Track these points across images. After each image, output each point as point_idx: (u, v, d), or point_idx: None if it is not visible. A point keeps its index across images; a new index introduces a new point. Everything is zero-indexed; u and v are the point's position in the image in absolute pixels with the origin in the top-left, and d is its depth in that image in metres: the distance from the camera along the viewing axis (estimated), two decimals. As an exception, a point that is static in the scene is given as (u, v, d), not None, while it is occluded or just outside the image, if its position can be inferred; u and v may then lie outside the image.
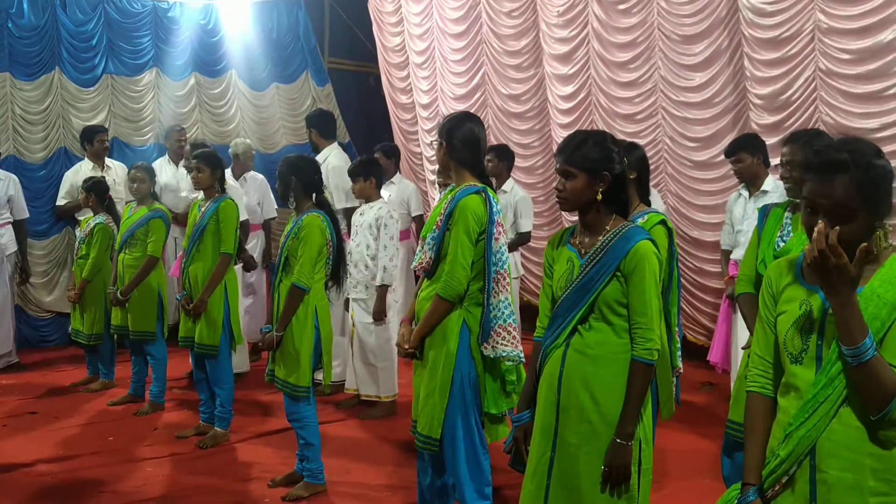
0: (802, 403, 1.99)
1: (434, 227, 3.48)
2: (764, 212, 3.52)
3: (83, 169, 7.36)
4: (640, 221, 3.38)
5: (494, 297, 3.42)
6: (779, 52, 5.76)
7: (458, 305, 3.45)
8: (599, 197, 2.70)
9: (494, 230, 3.42)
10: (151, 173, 6.04)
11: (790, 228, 3.36)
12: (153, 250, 5.79)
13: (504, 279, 3.45)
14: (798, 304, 2.06)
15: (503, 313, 3.43)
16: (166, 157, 7.70)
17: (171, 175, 7.50)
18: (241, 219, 6.46)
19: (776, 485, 2.03)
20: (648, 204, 3.74)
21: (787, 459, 2.00)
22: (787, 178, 3.51)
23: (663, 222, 3.53)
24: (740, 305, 3.56)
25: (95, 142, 7.38)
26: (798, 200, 3.38)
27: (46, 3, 7.84)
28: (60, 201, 7.53)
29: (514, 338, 3.44)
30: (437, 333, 3.47)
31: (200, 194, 5.42)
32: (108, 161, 7.51)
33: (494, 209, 3.44)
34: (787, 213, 3.41)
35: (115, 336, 6.13)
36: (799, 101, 5.71)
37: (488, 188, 3.50)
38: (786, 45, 5.72)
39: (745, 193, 5.25)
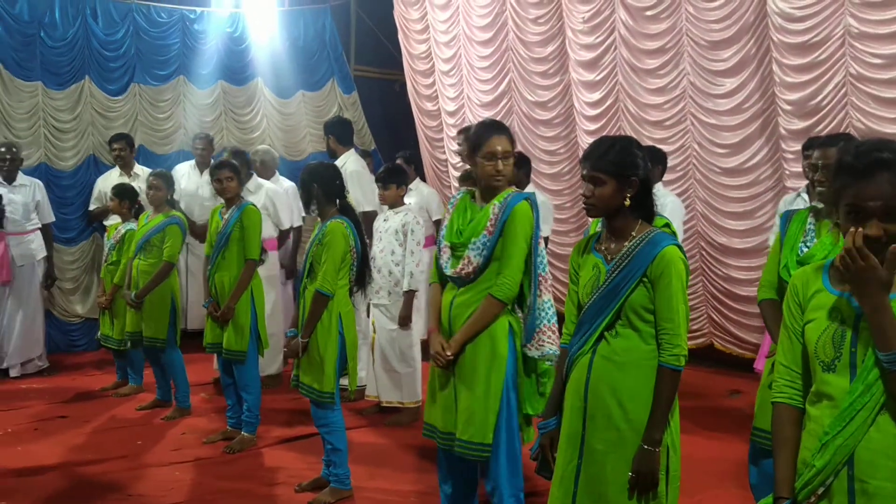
0: (839, 412, 1.94)
1: (484, 233, 3.46)
2: (786, 217, 3.44)
3: (112, 176, 7.52)
4: None
5: (538, 298, 3.50)
6: (808, 57, 5.71)
7: (505, 309, 3.48)
8: (628, 203, 2.68)
9: (539, 234, 3.53)
10: (169, 181, 6.07)
11: (813, 234, 3.30)
12: (169, 256, 5.80)
13: (546, 281, 3.56)
14: (828, 312, 2.02)
15: (547, 314, 3.52)
16: (192, 163, 7.78)
17: (194, 182, 7.60)
18: (287, 225, 6.68)
19: (811, 496, 1.97)
20: None
21: (824, 470, 1.95)
22: (821, 182, 3.42)
23: None
24: (763, 312, 3.44)
25: (111, 151, 7.57)
26: (821, 206, 3.32)
27: (77, 13, 7.95)
28: (91, 206, 7.73)
29: (557, 337, 3.48)
30: (483, 338, 3.46)
31: (219, 201, 5.46)
32: (136, 168, 7.61)
33: (538, 215, 3.53)
34: (809, 219, 3.35)
35: (129, 342, 6.10)
36: (829, 107, 5.65)
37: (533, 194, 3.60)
38: (815, 50, 5.67)
39: (806, 197, 5.09)
